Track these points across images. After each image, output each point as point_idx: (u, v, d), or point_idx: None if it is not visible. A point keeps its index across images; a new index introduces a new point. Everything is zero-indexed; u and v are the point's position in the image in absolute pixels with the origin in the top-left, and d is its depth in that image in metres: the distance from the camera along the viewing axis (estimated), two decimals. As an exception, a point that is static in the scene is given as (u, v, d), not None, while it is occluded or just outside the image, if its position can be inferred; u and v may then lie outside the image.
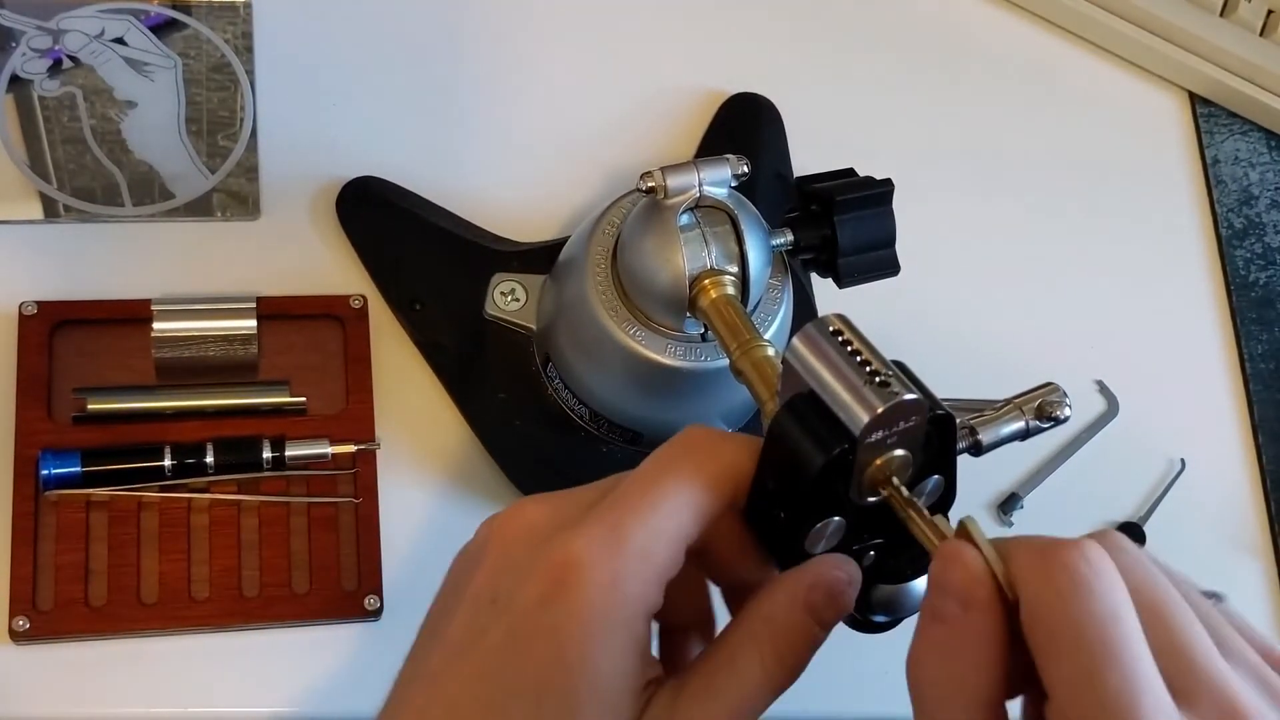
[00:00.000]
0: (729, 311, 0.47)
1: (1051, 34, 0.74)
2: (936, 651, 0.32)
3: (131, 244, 0.60)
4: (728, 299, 0.48)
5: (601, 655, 0.33)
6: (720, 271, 0.48)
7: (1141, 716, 0.28)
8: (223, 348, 0.57)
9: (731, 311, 0.47)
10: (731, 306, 0.47)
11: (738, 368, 0.45)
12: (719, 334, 0.47)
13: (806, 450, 0.34)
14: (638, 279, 0.50)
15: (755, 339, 0.45)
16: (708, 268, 0.48)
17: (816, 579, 0.35)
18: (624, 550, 0.34)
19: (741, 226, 0.49)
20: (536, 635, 0.34)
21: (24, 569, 0.53)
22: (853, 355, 0.35)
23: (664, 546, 0.35)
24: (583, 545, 0.34)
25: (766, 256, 0.50)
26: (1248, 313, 0.69)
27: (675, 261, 0.48)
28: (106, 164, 0.58)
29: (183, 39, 0.54)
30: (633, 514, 0.35)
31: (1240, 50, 0.72)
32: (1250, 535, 0.64)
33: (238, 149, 0.58)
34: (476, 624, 0.35)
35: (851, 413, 0.34)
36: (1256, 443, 0.66)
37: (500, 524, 0.37)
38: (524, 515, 0.36)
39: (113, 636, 0.53)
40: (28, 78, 0.54)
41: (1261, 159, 0.73)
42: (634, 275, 0.50)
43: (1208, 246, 0.71)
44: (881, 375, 0.34)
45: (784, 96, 0.68)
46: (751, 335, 0.45)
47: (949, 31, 0.73)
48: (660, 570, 0.35)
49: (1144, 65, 0.74)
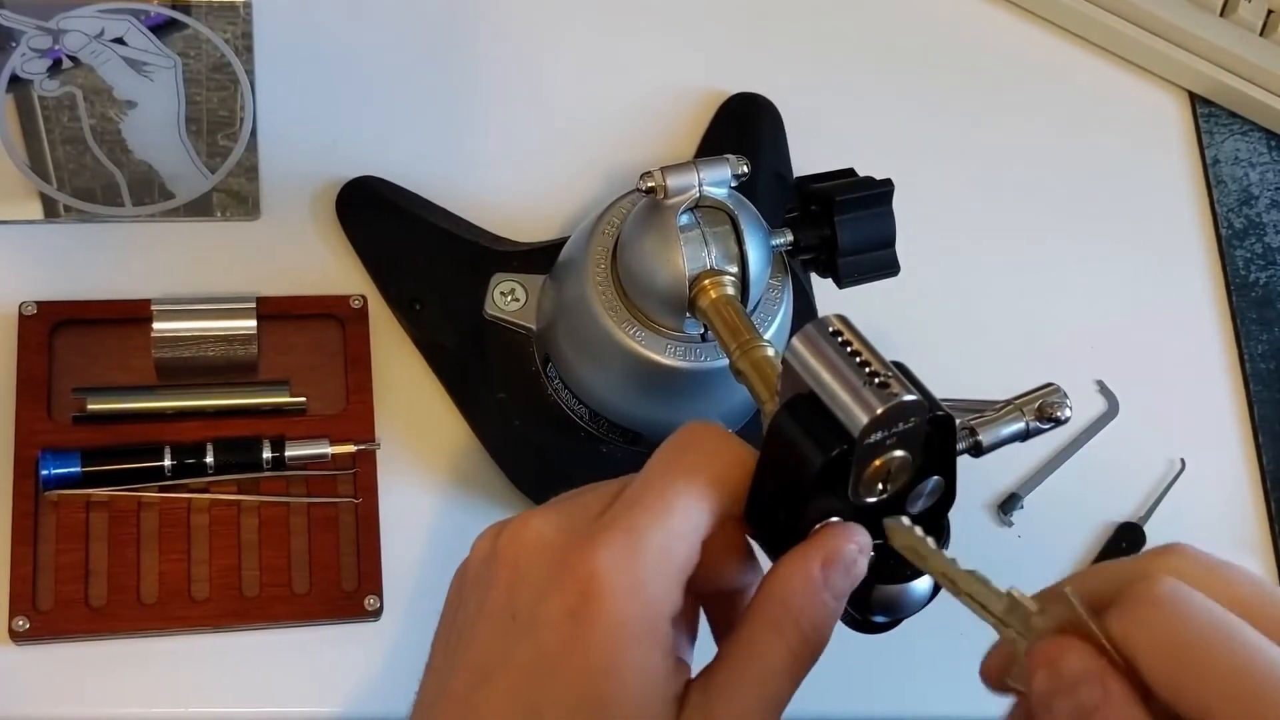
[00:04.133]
0: (729, 312, 0.47)
1: (1052, 34, 0.74)
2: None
3: (131, 244, 0.60)
4: (728, 299, 0.48)
5: (633, 662, 0.33)
6: (720, 272, 0.48)
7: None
8: (223, 348, 0.57)
9: (731, 312, 0.47)
10: (731, 307, 0.47)
11: (737, 368, 0.45)
12: (719, 334, 0.47)
13: (806, 450, 0.34)
14: (638, 279, 0.50)
15: (755, 339, 0.45)
16: (708, 268, 0.48)
17: (828, 555, 0.35)
18: (643, 556, 0.34)
19: (741, 226, 0.49)
20: (566, 650, 0.33)
21: (24, 569, 0.53)
22: (852, 356, 0.35)
23: (682, 546, 0.35)
24: (603, 555, 0.34)
25: (766, 256, 0.50)
26: (1248, 313, 0.69)
27: (675, 261, 0.48)
28: (106, 164, 0.57)
29: (182, 39, 0.54)
30: (648, 516, 0.34)
31: (1240, 50, 0.72)
32: (1250, 535, 0.64)
33: (238, 149, 0.58)
34: (500, 643, 0.35)
35: (851, 413, 0.34)
36: (1257, 443, 0.66)
37: (508, 539, 0.36)
38: (531, 529, 0.36)
39: (113, 636, 0.53)
40: (28, 78, 0.54)
41: (1261, 159, 0.73)
42: (634, 275, 0.50)
43: (1208, 246, 0.71)
44: (881, 376, 0.34)
45: (784, 96, 0.68)
46: (751, 335, 0.45)
47: (949, 32, 0.73)
48: (680, 571, 0.35)
49: (1144, 65, 0.74)
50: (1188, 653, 0.29)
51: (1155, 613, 0.30)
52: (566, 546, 0.35)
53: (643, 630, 0.34)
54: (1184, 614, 0.30)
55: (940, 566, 0.34)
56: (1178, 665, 0.29)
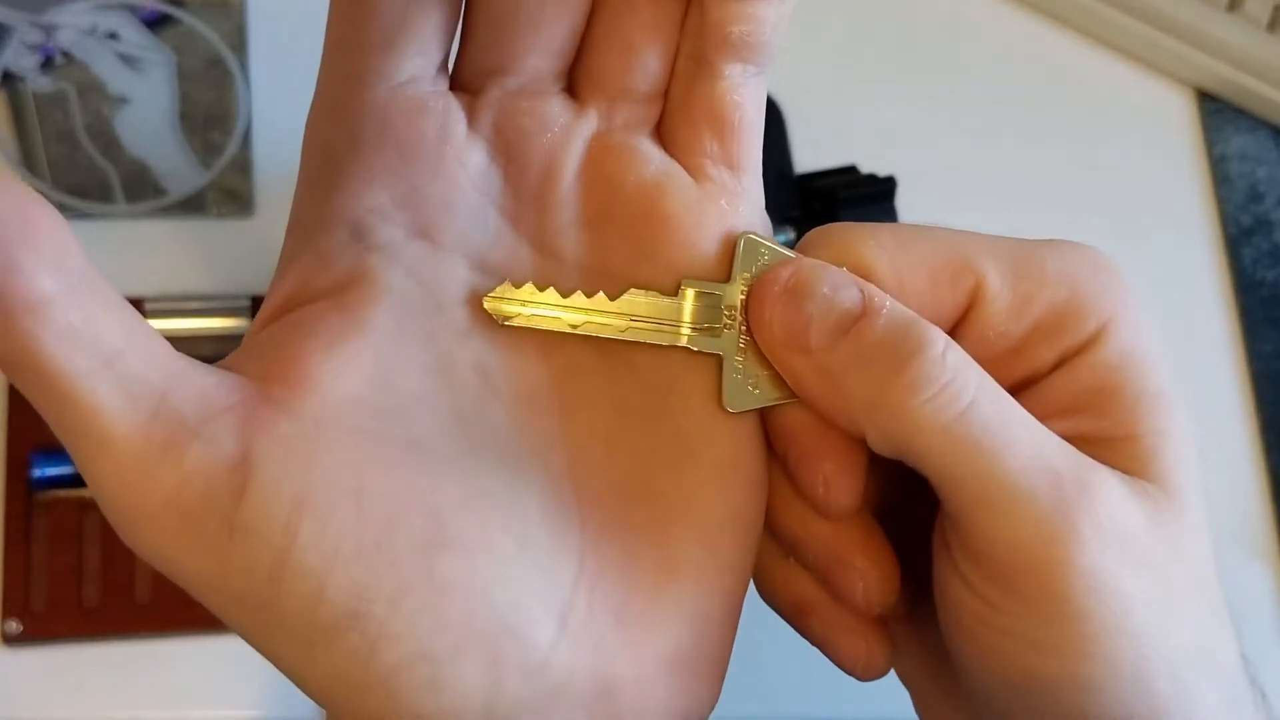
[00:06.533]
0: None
1: (1056, 29, 0.74)
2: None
3: (124, 242, 0.59)
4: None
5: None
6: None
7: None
8: (216, 347, 0.57)
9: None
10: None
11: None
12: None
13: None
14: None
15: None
16: (708, 267, 0.48)
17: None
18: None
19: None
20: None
21: (16, 571, 0.52)
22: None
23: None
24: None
25: (767, 255, 0.49)
26: (1256, 311, 0.68)
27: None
28: (99, 161, 0.57)
29: (176, 34, 0.54)
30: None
31: (1248, 46, 0.71)
32: (1258, 539, 0.64)
33: (232, 146, 0.58)
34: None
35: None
36: (1265, 443, 0.65)
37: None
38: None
39: (106, 639, 0.52)
40: (19, 74, 0.54)
41: (1269, 156, 0.72)
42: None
43: (1214, 244, 0.70)
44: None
45: (786, 93, 0.67)
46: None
47: (952, 27, 0.73)
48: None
49: (1150, 61, 0.73)
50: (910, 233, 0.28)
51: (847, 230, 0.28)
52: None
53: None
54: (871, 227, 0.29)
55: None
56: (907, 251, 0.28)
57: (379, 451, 0.24)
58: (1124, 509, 0.26)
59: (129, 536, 0.24)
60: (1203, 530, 0.27)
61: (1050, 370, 0.28)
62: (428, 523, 0.24)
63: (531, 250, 0.27)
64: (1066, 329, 0.27)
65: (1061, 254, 0.29)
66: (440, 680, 0.24)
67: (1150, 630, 0.25)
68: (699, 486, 0.27)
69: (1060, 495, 0.25)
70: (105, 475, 0.23)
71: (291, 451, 0.24)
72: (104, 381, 0.23)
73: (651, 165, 0.28)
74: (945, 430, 0.25)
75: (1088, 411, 0.27)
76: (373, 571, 0.23)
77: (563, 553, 0.26)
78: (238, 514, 0.23)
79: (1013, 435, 0.26)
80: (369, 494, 0.24)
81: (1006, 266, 0.28)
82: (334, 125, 0.28)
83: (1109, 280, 0.29)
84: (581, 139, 0.28)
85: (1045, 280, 0.28)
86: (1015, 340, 0.28)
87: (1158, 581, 0.26)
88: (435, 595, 0.24)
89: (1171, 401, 0.27)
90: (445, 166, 0.27)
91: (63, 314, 0.22)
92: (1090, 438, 0.27)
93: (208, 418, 0.23)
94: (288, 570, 0.23)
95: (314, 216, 0.27)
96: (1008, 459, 0.25)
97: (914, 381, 0.25)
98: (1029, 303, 0.28)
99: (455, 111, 0.27)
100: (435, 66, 0.28)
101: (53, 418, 0.23)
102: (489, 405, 0.26)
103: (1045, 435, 0.26)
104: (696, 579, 0.27)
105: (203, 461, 0.23)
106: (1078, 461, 0.26)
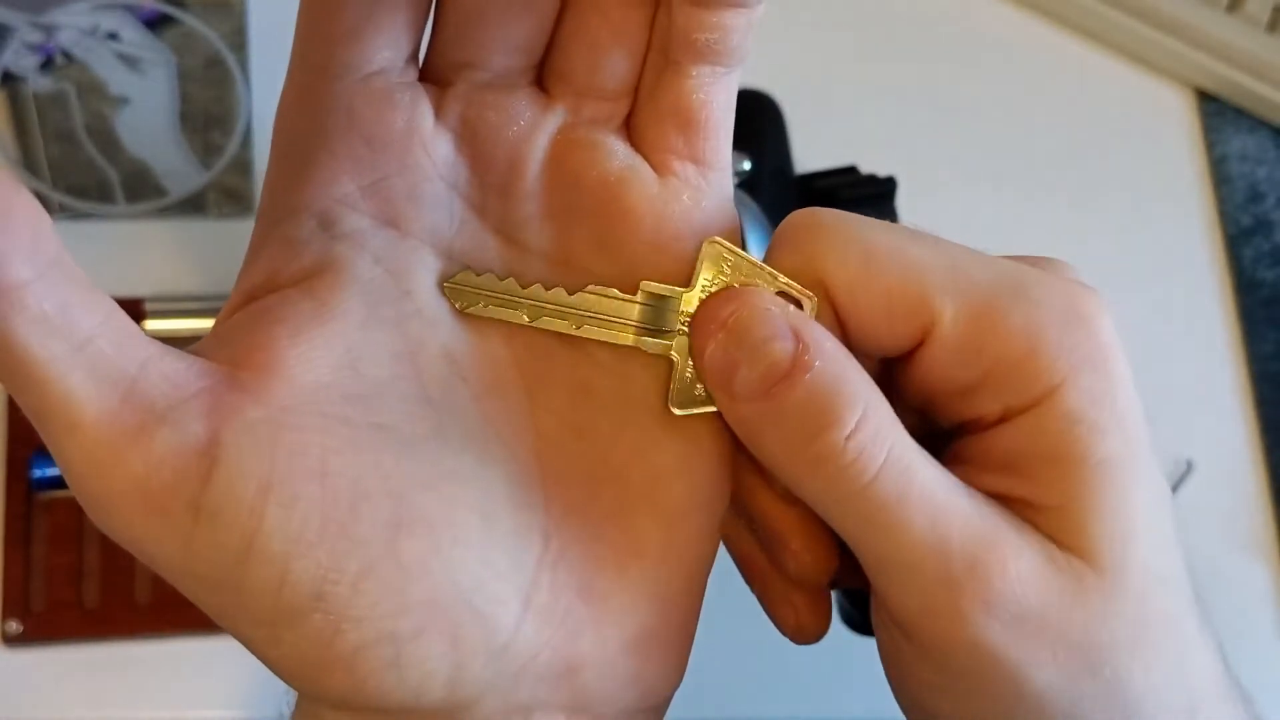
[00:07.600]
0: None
1: (1056, 29, 0.74)
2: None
3: (125, 242, 0.59)
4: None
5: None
6: (721, 271, 0.48)
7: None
8: (217, 347, 0.56)
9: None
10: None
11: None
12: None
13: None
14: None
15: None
16: (708, 267, 0.48)
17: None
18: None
19: (743, 225, 0.48)
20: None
21: (16, 572, 0.52)
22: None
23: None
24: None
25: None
26: (1256, 312, 0.68)
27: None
28: (100, 161, 0.57)
29: (176, 35, 0.54)
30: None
31: (1247, 46, 0.71)
32: (1259, 539, 0.64)
33: (232, 145, 0.58)
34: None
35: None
36: (1265, 444, 0.65)
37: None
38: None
39: (106, 639, 0.52)
40: (20, 74, 0.54)
41: (1269, 156, 0.72)
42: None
43: (1214, 244, 0.70)
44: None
45: (786, 93, 0.67)
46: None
47: (952, 27, 0.73)
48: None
49: (1150, 61, 0.73)
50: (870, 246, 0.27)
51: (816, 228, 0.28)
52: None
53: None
54: (839, 216, 0.28)
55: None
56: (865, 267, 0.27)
57: (346, 435, 0.25)
58: (1024, 583, 0.26)
59: (97, 518, 0.24)
60: (1153, 599, 0.26)
61: (996, 421, 0.27)
62: (393, 504, 0.24)
63: (497, 240, 0.28)
64: (1014, 385, 0.27)
65: (1033, 302, 0.27)
66: (403, 660, 0.24)
67: (1053, 695, 0.26)
68: (662, 469, 0.27)
69: (948, 574, 0.25)
70: (75, 458, 0.24)
71: (259, 437, 0.24)
72: (75, 367, 0.23)
73: (615, 159, 0.28)
74: (842, 503, 0.26)
75: (1023, 474, 0.27)
76: (337, 554, 0.24)
77: (527, 534, 0.26)
78: (204, 497, 0.23)
79: (910, 512, 0.26)
80: (335, 477, 0.24)
81: (965, 311, 0.27)
82: (303, 116, 0.28)
83: (1078, 335, 0.27)
84: (547, 133, 0.28)
85: (1000, 332, 0.27)
86: (961, 385, 0.27)
87: (1065, 650, 0.26)
88: (399, 576, 0.24)
89: (1117, 471, 0.26)
90: (412, 157, 0.27)
91: (36, 300, 0.22)
92: (1022, 500, 0.27)
93: (176, 403, 0.24)
94: (253, 553, 0.23)
95: (282, 205, 0.27)
96: (900, 535, 0.26)
97: (818, 456, 0.26)
98: (979, 353, 0.27)
99: (423, 103, 0.27)
100: (404, 58, 0.28)
101: (24, 401, 0.24)
102: (456, 390, 0.26)
103: (947, 509, 0.26)
104: (659, 560, 0.27)
105: (170, 445, 0.23)
106: (979, 535, 0.26)
